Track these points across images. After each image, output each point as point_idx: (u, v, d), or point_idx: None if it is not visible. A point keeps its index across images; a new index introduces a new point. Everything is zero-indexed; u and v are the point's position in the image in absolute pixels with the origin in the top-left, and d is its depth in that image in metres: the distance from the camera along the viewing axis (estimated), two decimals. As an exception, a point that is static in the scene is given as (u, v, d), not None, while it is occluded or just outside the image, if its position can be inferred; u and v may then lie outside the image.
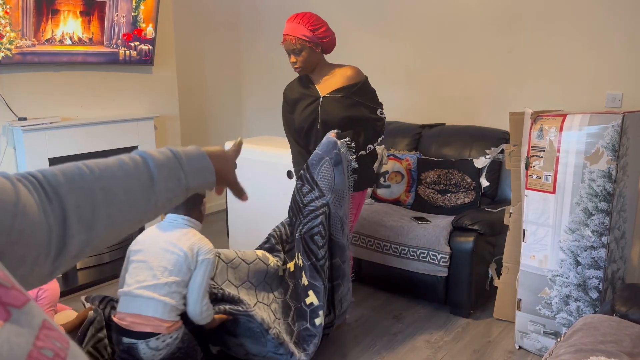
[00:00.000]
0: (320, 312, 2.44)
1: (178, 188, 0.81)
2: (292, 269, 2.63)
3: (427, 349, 2.67)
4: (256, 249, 2.72)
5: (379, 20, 4.06)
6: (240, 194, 0.95)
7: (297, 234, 2.52)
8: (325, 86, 2.55)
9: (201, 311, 2.09)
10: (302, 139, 2.62)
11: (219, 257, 2.45)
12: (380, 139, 2.60)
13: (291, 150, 2.72)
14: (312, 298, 2.47)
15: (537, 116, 2.52)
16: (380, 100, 2.61)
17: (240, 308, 2.30)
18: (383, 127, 2.60)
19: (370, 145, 2.57)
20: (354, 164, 2.47)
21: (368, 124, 2.54)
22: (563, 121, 2.42)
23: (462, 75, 3.73)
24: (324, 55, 2.58)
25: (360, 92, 2.52)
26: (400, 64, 4.01)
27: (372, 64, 4.16)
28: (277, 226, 2.76)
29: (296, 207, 2.56)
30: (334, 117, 2.49)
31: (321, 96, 2.54)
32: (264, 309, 2.50)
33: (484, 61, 3.61)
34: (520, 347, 2.68)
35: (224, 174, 0.90)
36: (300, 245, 2.52)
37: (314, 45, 2.46)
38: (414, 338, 2.77)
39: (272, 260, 2.64)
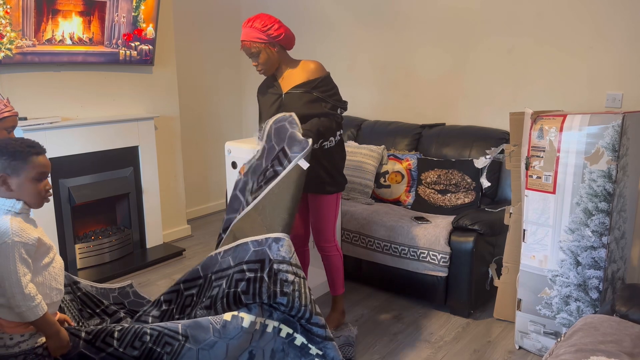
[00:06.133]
0: None
1: None
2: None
3: (427, 349, 2.67)
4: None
5: (379, 21, 4.06)
6: None
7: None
8: (288, 82, 2.56)
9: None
10: None
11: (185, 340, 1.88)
12: (339, 133, 2.56)
13: None
14: None
15: (537, 116, 2.52)
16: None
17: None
18: (341, 123, 2.57)
19: (332, 138, 2.52)
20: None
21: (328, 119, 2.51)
22: (563, 121, 2.42)
23: (462, 75, 3.73)
24: (287, 51, 2.59)
25: (320, 88, 2.50)
26: (400, 64, 4.01)
27: (372, 64, 4.17)
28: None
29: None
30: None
31: (283, 93, 2.55)
32: None
33: (484, 61, 3.61)
34: (520, 347, 2.68)
35: None
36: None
37: (270, 45, 2.48)
38: (414, 338, 2.78)
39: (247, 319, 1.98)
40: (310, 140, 2.23)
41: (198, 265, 2.23)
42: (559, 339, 1.86)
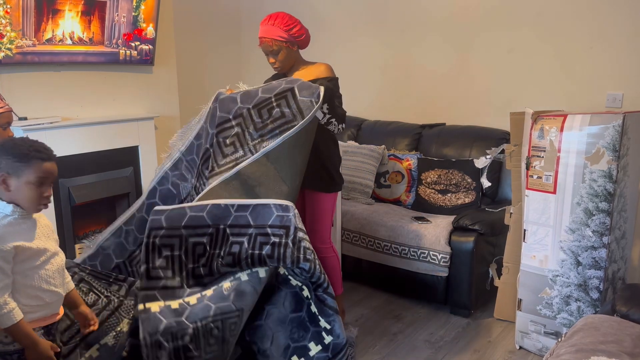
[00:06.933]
0: None
1: None
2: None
3: (427, 349, 2.67)
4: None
5: (379, 20, 4.06)
6: None
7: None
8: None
9: None
10: None
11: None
12: (342, 126, 2.53)
13: None
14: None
15: (537, 116, 2.52)
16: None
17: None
18: (345, 119, 2.55)
19: (335, 122, 2.48)
20: None
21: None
22: (564, 121, 2.42)
23: (462, 75, 3.73)
24: (300, 51, 2.62)
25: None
26: (401, 64, 4.01)
27: (372, 64, 4.17)
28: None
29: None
30: None
31: None
32: None
33: (484, 61, 3.61)
34: (520, 347, 2.68)
35: None
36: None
37: (291, 44, 2.52)
38: (414, 338, 2.77)
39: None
40: (322, 88, 2.24)
41: (202, 212, 2.15)
42: (559, 339, 1.86)
